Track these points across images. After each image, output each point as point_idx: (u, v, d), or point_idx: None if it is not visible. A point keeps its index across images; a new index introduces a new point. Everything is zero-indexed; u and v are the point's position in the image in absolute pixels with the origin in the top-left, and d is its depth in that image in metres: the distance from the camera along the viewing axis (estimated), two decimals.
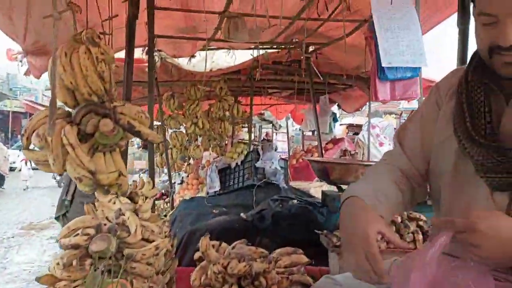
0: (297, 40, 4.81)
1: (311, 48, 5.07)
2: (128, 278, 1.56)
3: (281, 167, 3.73)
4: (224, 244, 1.79)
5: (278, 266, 2.18)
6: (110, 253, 1.52)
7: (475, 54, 1.29)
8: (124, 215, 1.79)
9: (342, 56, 4.63)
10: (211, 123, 6.06)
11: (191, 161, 7.23)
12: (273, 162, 3.49)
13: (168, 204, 6.20)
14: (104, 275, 1.50)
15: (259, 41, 4.46)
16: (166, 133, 5.92)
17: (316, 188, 3.81)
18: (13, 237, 8.40)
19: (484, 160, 1.16)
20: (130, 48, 2.44)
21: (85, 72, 1.47)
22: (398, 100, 3.17)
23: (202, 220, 2.84)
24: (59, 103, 1.42)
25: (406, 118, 1.82)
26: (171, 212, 4.16)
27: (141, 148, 14.47)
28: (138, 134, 1.57)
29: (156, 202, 7.87)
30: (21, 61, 4.40)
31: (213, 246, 1.87)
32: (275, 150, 10.84)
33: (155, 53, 4.60)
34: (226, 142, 7.46)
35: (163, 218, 4.81)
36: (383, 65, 2.34)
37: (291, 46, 4.85)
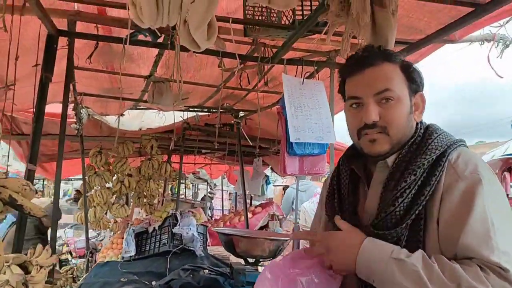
0: (228, 104, 4.94)
1: (241, 114, 5.20)
2: None
3: (200, 233, 3.69)
4: None
5: None
6: None
7: (350, 146, 1.46)
8: None
9: (270, 123, 4.80)
10: (142, 180, 5.95)
11: (119, 219, 6.98)
12: (190, 228, 3.44)
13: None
14: None
15: (187, 105, 4.54)
16: (91, 190, 5.70)
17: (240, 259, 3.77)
18: None
19: None
20: (39, 110, 2.40)
21: None
22: (306, 175, 3.29)
23: None
24: None
25: None
26: (83, 277, 3.94)
27: (70, 201, 13.84)
28: (20, 208, 1.51)
29: (80, 260, 7.47)
30: None
31: None
32: (211, 209, 10.77)
33: (83, 109, 4.55)
34: (158, 199, 7.30)
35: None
36: (291, 140, 2.44)
37: (221, 111, 4.95)
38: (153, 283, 3.00)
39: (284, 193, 12.05)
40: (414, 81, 1.31)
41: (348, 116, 1.36)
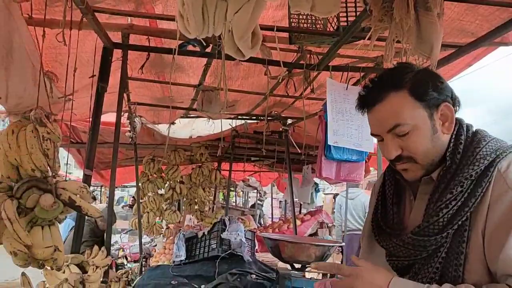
0: (276, 112, 4.99)
1: (289, 121, 5.23)
2: None
3: (248, 239, 3.74)
4: None
5: None
6: None
7: None
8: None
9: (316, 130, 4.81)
10: (193, 187, 6.10)
11: (171, 225, 7.18)
12: (238, 234, 3.50)
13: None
14: None
15: (235, 113, 4.63)
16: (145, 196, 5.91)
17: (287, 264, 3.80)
18: None
19: (386, 244, 1.30)
20: (96, 119, 2.54)
21: (30, 149, 1.54)
22: (342, 181, 3.26)
23: None
24: None
25: None
26: (136, 280, 4.09)
27: (126, 208, 14.35)
28: (78, 209, 1.62)
29: (134, 265, 7.73)
30: (3, 120, 4.51)
31: None
32: (261, 216, 10.83)
33: (136, 118, 4.74)
34: (209, 206, 7.45)
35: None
36: (329, 143, 2.46)
37: (269, 118, 5.00)
38: (202, 286, 3.08)
39: (335, 201, 11.95)
40: (431, 97, 1.23)
41: (379, 147, 1.35)
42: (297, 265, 2.52)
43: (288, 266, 2.56)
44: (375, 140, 2.62)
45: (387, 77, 1.29)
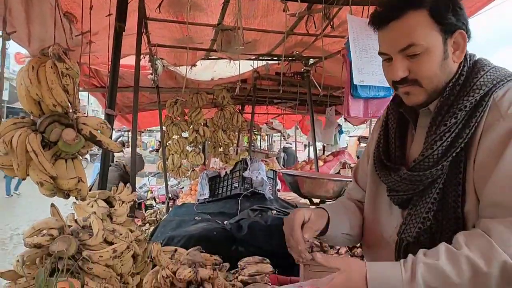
0: (297, 52, 4.90)
1: (311, 61, 5.15)
2: (84, 278, 1.65)
3: (269, 178, 3.81)
4: (181, 250, 1.88)
5: (243, 274, 2.26)
6: (68, 253, 1.62)
7: None
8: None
9: (340, 69, 4.72)
10: (216, 130, 6.17)
11: (197, 168, 7.36)
12: (260, 173, 3.57)
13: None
14: (61, 274, 1.59)
15: (255, 53, 4.57)
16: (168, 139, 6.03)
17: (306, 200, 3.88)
18: (23, 233, 8.62)
19: (386, 179, 1.30)
20: (115, 59, 2.56)
21: (51, 85, 1.58)
22: (370, 118, 3.23)
23: (183, 227, 2.93)
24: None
25: None
26: (164, 217, 4.27)
27: (154, 152, 14.71)
28: (99, 143, 1.68)
29: (162, 205, 8.03)
30: None
31: (173, 251, 1.96)
32: (284, 159, 10.94)
33: (158, 61, 4.75)
34: (233, 149, 7.56)
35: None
36: (355, 83, 2.42)
37: (290, 59, 4.93)
38: (225, 222, 3.19)
39: (360, 143, 11.93)
40: (448, 22, 1.19)
41: (383, 69, 1.32)
42: (315, 200, 2.58)
43: (307, 202, 2.62)
44: None
45: None
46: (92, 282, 1.66)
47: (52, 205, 1.79)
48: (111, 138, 1.81)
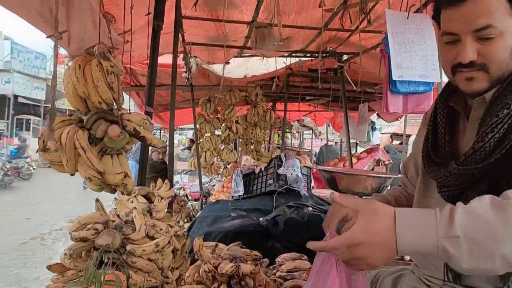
0: (331, 48, 4.86)
1: (345, 57, 5.10)
2: (129, 271, 1.69)
3: (304, 174, 3.80)
4: (221, 245, 1.90)
5: (281, 270, 2.27)
6: (113, 247, 1.67)
7: (448, 82, 1.37)
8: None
9: (376, 65, 4.65)
10: (248, 127, 6.20)
11: (229, 165, 7.41)
12: (294, 169, 3.56)
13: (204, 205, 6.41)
14: (108, 267, 1.64)
15: (289, 50, 4.56)
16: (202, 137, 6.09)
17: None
18: (60, 229, 8.89)
19: (435, 175, 1.26)
20: (153, 58, 2.60)
21: (96, 82, 1.62)
22: (410, 114, 3.16)
23: (219, 223, 2.96)
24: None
25: None
26: (198, 213, 4.31)
27: (186, 150, 14.90)
28: (142, 139, 1.71)
29: (195, 203, 8.13)
30: (67, 65, 4.73)
31: (214, 246, 1.98)
32: (316, 156, 10.88)
33: (191, 59, 4.80)
34: (265, 146, 7.58)
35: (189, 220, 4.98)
36: (394, 78, 2.38)
37: (323, 55, 4.89)
38: (261, 219, 3.20)
39: (392, 140, 11.74)
40: None
41: (443, 51, 1.24)
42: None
43: None
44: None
45: None
46: (136, 275, 1.70)
47: (97, 200, 1.84)
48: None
